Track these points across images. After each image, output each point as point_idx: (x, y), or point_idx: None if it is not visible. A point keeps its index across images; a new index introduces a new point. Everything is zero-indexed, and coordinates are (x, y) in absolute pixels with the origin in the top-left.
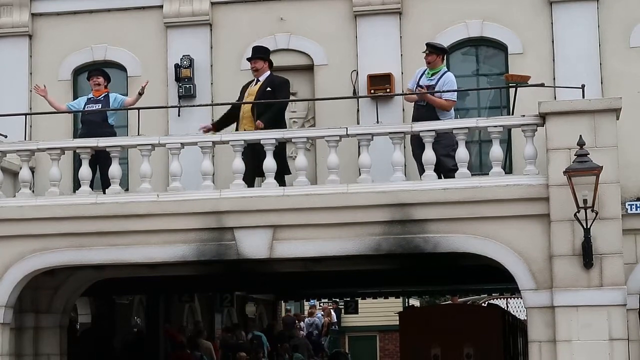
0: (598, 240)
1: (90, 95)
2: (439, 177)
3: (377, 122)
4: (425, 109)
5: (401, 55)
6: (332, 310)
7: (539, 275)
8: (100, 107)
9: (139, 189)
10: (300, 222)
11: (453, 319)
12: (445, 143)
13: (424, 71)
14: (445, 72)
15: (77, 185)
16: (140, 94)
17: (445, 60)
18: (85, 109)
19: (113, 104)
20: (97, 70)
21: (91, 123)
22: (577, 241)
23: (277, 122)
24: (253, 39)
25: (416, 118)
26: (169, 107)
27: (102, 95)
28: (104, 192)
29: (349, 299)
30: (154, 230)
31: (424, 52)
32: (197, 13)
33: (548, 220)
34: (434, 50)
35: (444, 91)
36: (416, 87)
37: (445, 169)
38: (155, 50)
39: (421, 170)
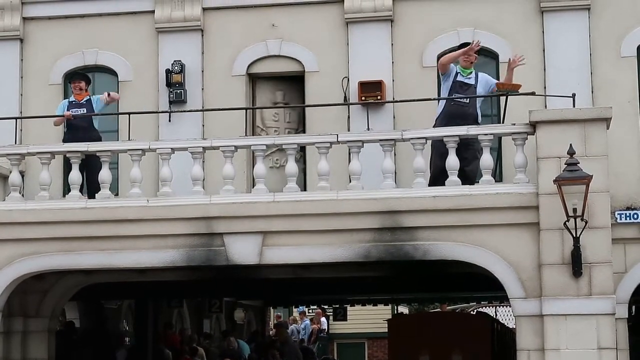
0: (587, 249)
1: (72, 99)
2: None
3: (368, 129)
4: (469, 107)
5: (392, 62)
6: (321, 318)
7: (528, 283)
8: (85, 110)
9: (129, 193)
10: (290, 229)
11: (442, 327)
12: (477, 147)
13: (457, 71)
14: (475, 72)
15: (67, 189)
16: (107, 99)
17: None
18: (70, 112)
19: (97, 106)
20: (79, 75)
21: (78, 128)
22: (566, 250)
23: None
24: (244, 44)
25: (454, 114)
26: (160, 113)
27: (85, 99)
28: (89, 197)
29: (337, 305)
30: (144, 235)
31: (469, 47)
32: (189, 18)
33: (538, 229)
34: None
35: (442, 98)
36: (451, 83)
37: (472, 175)
38: (146, 55)
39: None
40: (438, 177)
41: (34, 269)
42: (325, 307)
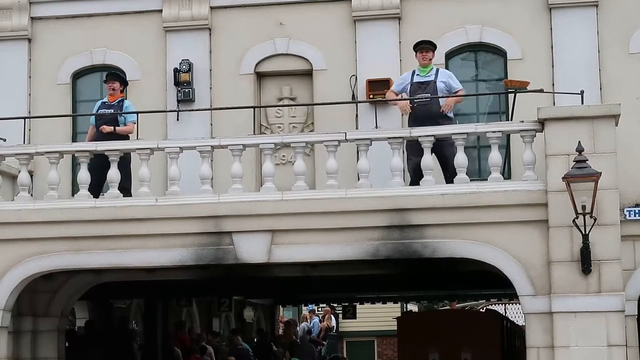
0: (596, 246)
1: (105, 100)
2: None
3: (376, 127)
4: (432, 105)
5: (400, 60)
6: (332, 315)
7: (537, 281)
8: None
9: (137, 193)
10: (299, 227)
11: (451, 325)
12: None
13: (413, 72)
14: (436, 68)
15: (75, 189)
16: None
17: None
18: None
19: (129, 108)
20: (114, 75)
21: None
22: (575, 247)
23: None
24: (252, 43)
25: (420, 116)
26: (168, 112)
27: (117, 101)
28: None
29: (347, 304)
30: (153, 234)
31: (418, 49)
32: (197, 17)
33: (546, 226)
34: (432, 48)
35: (446, 96)
36: (410, 87)
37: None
38: (154, 54)
39: (415, 178)
40: (416, 176)
41: (43, 269)
42: (335, 305)
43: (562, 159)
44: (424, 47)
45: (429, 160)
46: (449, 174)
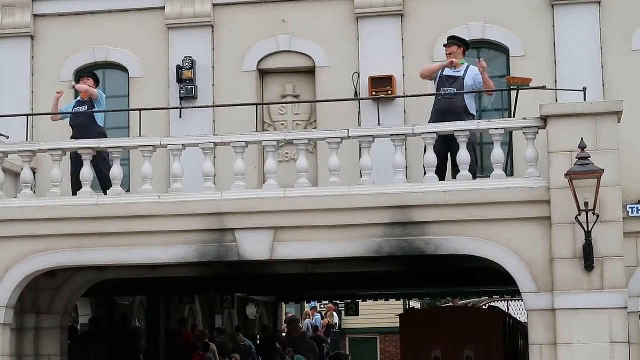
0: (599, 243)
1: (79, 98)
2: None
3: (379, 124)
4: (457, 99)
5: (403, 57)
6: (334, 312)
7: (540, 278)
8: (87, 108)
9: (140, 190)
10: (302, 224)
11: (454, 321)
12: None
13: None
14: (468, 64)
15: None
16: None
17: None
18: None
19: (100, 101)
20: (86, 72)
21: (80, 126)
22: (578, 244)
23: None
24: (255, 40)
25: (444, 109)
26: (171, 109)
27: (88, 97)
28: (105, 194)
29: (349, 301)
30: (155, 231)
31: (445, 45)
32: (199, 14)
33: (549, 223)
34: (454, 42)
35: (450, 94)
36: (438, 79)
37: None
38: (157, 51)
39: (455, 170)
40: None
41: (46, 266)
42: (337, 302)
43: (564, 155)
44: (448, 42)
45: (431, 156)
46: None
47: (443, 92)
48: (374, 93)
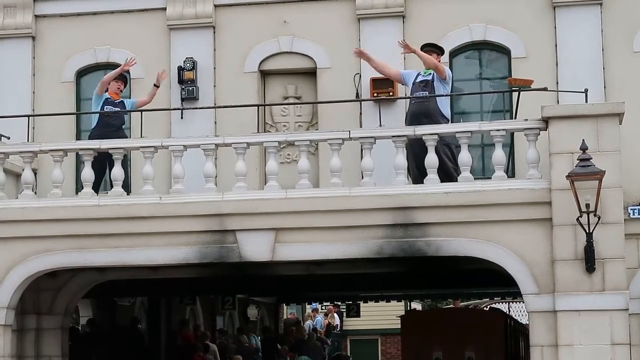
0: (600, 244)
1: (108, 96)
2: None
3: (380, 125)
4: (429, 102)
5: (404, 58)
6: (335, 314)
7: (541, 279)
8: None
9: (141, 191)
10: (303, 225)
11: (455, 323)
12: (448, 142)
13: (419, 73)
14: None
15: (79, 187)
16: (156, 87)
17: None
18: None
19: (129, 108)
20: (123, 77)
21: (111, 126)
22: (579, 245)
23: None
24: (256, 41)
25: (417, 112)
26: (172, 110)
27: (119, 100)
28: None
29: (350, 302)
30: (156, 232)
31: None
32: (201, 15)
33: (550, 225)
34: (434, 50)
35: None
36: (412, 86)
37: (444, 171)
38: (158, 52)
39: (420, 174)
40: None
41: (47, 267)
42: (339, 303)
43: (566, 157)
44: (426, 49)
45: (432, 158)
46: (443, 173)
47: (419, 96)
48: (375, 94)
